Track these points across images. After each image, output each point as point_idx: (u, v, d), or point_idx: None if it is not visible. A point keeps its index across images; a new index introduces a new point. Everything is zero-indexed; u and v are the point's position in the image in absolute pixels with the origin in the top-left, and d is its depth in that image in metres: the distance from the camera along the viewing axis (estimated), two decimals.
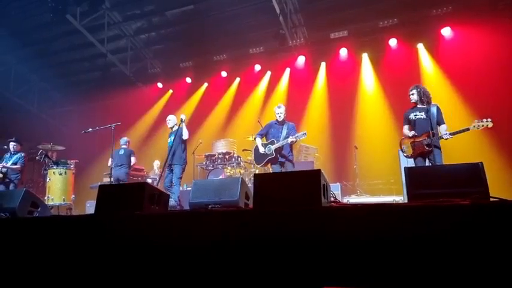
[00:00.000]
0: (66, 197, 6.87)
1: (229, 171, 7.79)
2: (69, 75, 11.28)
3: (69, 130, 9.37)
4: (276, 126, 5.57)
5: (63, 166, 7.02)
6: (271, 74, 10.04)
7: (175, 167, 5.91)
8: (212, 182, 3.67)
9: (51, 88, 11.53)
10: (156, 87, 10.91)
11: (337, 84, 9.09)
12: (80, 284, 2.68)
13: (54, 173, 6.89)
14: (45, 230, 3.12)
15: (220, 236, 2.39)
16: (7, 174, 6.76)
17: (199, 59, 10.34)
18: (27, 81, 11.16)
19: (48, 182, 6.89)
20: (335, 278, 1.92)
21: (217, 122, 10.27)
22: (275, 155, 5.39)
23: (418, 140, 4.67)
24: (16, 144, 7.03)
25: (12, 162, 6.84)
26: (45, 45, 10.03)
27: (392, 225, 1.92)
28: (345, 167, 8.29)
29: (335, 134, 8.82)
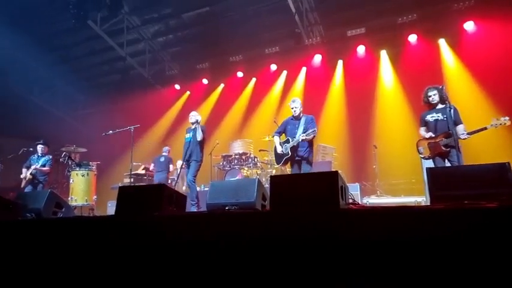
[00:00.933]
0: (89, 197, 7.04)
1: (246, 171, 7.78)
2: (90, 78, 11.55)
3: (91, 132, 9.56)
4: (292, 123, 5.28)
5: (85, 168, 7.19)
6: (287, 73, 9.97)
7: (192, 163, 5.90)
8: (229, 183, 3.66)
9: (74, 91, 11.83)
10: (174, 89, 11.02)
11: (354, 82, 8.93)
12: (101, 283, 2.72)
13: (77, 175, 7.06)
14: (69, 231, 3.19)
15: (237, 237, 2.38)
16: (36, 176, 6.98)
17: (215, 60, 10.39)
18: (51, 85, 11.49)
19: (71, 183, 7.08)
20: (353, 283, 1.87)
21: (234, 122, 10.28)
22: (291, 153, 5.08)
23: (435, 141, 4.57)
24: (44, 147, 7.25)
25: (41, 165, 7.06)
26: (68, 50, 10.32)
27: (414, 228, 1.85)
28: (364, 166, 8.13)
29: (353, 133, 8.67)
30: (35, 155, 7.20)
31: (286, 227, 2.22)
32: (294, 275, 2.06)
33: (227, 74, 10.33)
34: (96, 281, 2.73)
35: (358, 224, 2.01)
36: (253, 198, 3.10)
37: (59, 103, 11.86)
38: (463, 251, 1.72)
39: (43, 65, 10.57)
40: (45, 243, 3.16)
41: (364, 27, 8.75)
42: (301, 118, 5.24)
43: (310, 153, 5.13)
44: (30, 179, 6.92)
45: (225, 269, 2.32)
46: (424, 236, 1.83)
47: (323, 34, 9.16)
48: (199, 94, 10.82)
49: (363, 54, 8.89)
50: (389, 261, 1.85)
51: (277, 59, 9.72)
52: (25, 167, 7.09)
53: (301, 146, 5.10)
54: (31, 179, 6.93)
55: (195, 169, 5.89)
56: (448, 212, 1.83)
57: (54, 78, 11.25)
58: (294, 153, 5.09)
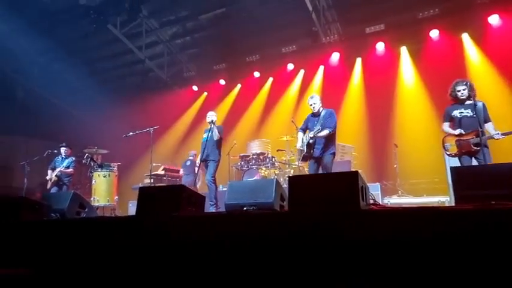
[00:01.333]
0: (110, 198, 7.20)
1: (264, 171, 7.77)
2: (111, 81, 11.80)
3: (112, 134, 9.78)
4: (312, 119, 5.14)
5: (107, 169, 7.36)
6: (304, 72, 9.89)
7: (210, 163, 5.90)
8: (247, 184, 3.66)
9: (96, 94, 12.11)
10: (192, 90, 11.12)
11: (374, 80, 8.78)
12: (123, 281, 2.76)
13: (99, 176, 7.24)
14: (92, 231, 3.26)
15: (256, 238, 2.37)
16: (61, 177, 7.20)
17: (232, 61, 10.42)
18: (73, 88, 11.81)
19: (93, 184, 7.26)
20: (376, 285, 1.83)
21: (251, 122, 10.29)
22: (307, 150, 4.92)
23: (465, 139, 4.36)
24: (67, 149, 7.46)
25: (65, 166, 7.26)
26: (89, 54, 10.59)
27: (438, 230, 1.80)
28: (385, 166, 7.97)
29: (373, 132, 8.52)
30: (59, 157, 7.41)
31: (306, 228, 2.20)
32: (314, 277, 2.03)
33: (244, 74, 10.35)
34: (118, 279, 2.78)
35: (379, 225, 1.96)
36: (271, 199, 3.09)
37: (80, 105, 12.17)
38: (491, 253, 1.65)
39: (66, 68, 10.90)
40: (69, 242, 3.24)
41: (383, 23, 8.57)
42: (321, 113, 5.08)
43: (326, 153, 4.90)
44: (56, 180, 7.13)
45: (244, 269, 2.32)
46: (449, 237, 1.77)
47: (341, 32, 9.04)
48: (217, 95, 10.88)
49: (382, 51, 8.72)
50: (412, 263, 1.79)
51: (294, 58, 9.66)
52: (50, 168, 7.31)
53: (317, 143, 4.93)
54: (56, 180, 7.14)
55: (213, 169, 5.88)
56: (474, 212, 1.76)
57: (76, 81, 11.57)
58: (310, 150, 4.92)
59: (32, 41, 9.75)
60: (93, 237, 3.16)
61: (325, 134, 4.83)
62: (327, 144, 4.94)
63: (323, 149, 4.92)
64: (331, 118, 4.98)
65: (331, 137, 4.96)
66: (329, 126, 4.88)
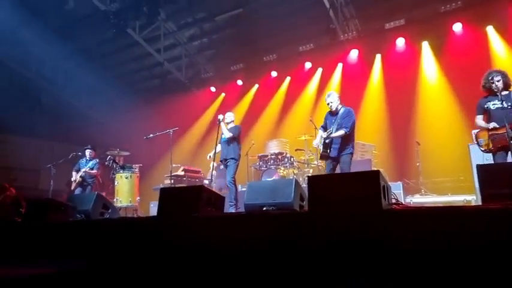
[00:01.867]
0: (132, 198, 7.35)
1: (283, 171, 7.75)
2: (131, 84, 12.05)
3: (133, 136, 9.99)
4: (330, 118, 5.05)
5: (128, 170, 7.52)
6: (322, 70, 9.79)
7: (230, 162, 5.90)
8: (266, 184, 3.67)
9: (117, 97, 12.39)
10: (209, 91, 11.21)
11: (394, 76, 8.60)
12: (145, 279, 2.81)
13: (121, 177, 7.40)
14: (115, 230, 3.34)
15: (275, 238, 2.36)
16: (85, 178, 7.42)
17: (249, 61, 10.44)
18: (95, 92, 12.14)
19: (116, 186, 7.43)
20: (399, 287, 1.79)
21: (269, 122, 10.27)
22: (323, 150, 4.83)
23: (500, 133, 4.08)
24: (91, 151, 7.69)
25: (89, 167, 7.47)
26: (110, 58, 10.85)
27: (463, 230, 1.74)
28: (407, 164, 7.80)
29: (394, 130, 8.35)
30: (83, 159, 7.63)
31: (326, 228, 2.18)
32: (336, 277, 2.01)
33: (261, 74, 10.34)
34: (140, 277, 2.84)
35: (402, 225, 1.92)
36: (290, 199, 3.08)
37: (102, 109, 12.48)
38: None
39: (88, 73, 11.20)
40: (94, 243, 3.33)
41: (404, 18, 8.38)
42: (339, 111, 4.98)
43: (343, 153, 4.81)
44: (80, 181, 7.36)
45: (263, 268, 2.32)
46: (475, 238, 1.71)
47: (359, 28, 8.90)
48: (234, 95, 10.93)
49: (403, 47, 8.52)
50: (436, 264, 1.75)
51: (312, 56, 9.58)
52: (74, 170, 7.55)
53: (334, 143, 4.84)
54: (80, 181, 7.36)
55: (234, 169, 5.86)
56: (502, 212, 1.69)
57: (98, 85, 11.88)
58: (327, 150, 4.83)
59: (55, 46, 10.09)
60: (116, 237, 3.24)
61: (340, 135, 4.75)
62: (344, 145, 4.84)
63: (340, 150, 4.84)
64: (349, 117, 4.88)
65: (348, 137, 4.86)
66: (346, 126, 4.78)
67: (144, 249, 2.97)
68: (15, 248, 3.72)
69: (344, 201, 2.32)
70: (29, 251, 3.62)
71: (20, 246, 3.70)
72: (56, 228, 3.70)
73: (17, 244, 3.74)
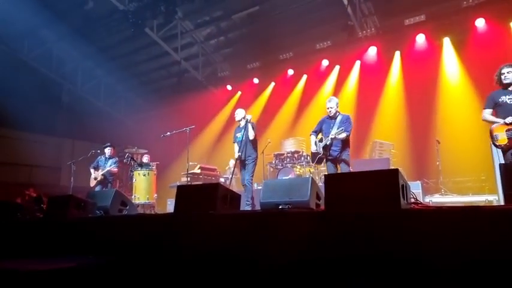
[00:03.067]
0: (150, 196, 7.47)
1: (299, 170, 7.72)
2: (149, 83, 12.25)
3: (150, 134, 10.15)
4: (328, 121, 5.31)
5: (146, 168, 7.64)
6: (339, 68, 9.70)
7: (248, 160, 5.91)
8: (282, 182, 3.66)
9: (135, 96, 12.63)
10: (226, 90, 11.26)
11: (414, 74, 8.43)
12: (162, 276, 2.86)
13: (139, 174, 7.53)
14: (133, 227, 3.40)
15: (292, 237, 2.36)
16: (106, 176, 7.53)
17: (265, 59, 10.43)
18: (114, 91, 12.39)
19: (134, 183, 7.56)
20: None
21: (285, 120, 10.24)
22: (324, 152, 5.17)
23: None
24: (111, 149, 7.78)
25: (113, 166, 7.57)
26: (128, 57, 11.05)
27: (485, 231, 1.69)
28: (426, 163, 7.65)
29: (413, 128, 8.20)
30: (102, 157, 7.74)
31: (343, 227, 2.16)
32: (354, 278, 1.99)
33: (278, 72, 10.32)
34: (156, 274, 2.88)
35: (422, 225, 1.89)
36: (306, 197, 3.06)
37: (121, 107, 12.74)
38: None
39: (106, 72, 11.44)
40: (113, 238, 3.40)
41: (424, 14, 8.19)
42: (337, 117, 5.24)
43: (344, 153, 5.12)
44: (102, 179, 7.45)
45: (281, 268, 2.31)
46: (497, 239, 1.66)
47: (378, 25, 8.76)
48: (251, 94, 10.94)
49: (423, 43, 8.33)
50: (456, 266, 1.70)
51: (329, 54, 9.49)
52: (92, 167, 7.65)
53: (335, 145, 5.13)
54: (102, 179, 7.46)
55: (252, 168, 5.90)
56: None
57: (116, 84, 12.12)
58: (326, 153, 5.16)
59: (75, 46, 10.35)
60: (134, 233, 3.30)
61: (344, 137, 5.03)
62: (344, 146, 5.15)
63: (340, 150, 5.13)
64: (349, 123, 5.17)
65: (347, 141, 5.18)
66: (346, 130, 5.06)
67: (161, 245, 3.01)
68: (37, 244, 3.83)
69: (362, 200, 2.29)
70: (50, 246, 3.72)
71: (42, 242, 3.81)
72: (76, 224, 3.79)
73: (38, 240, 3.85)
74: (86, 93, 11.92)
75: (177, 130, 7.07)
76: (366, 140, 8.42)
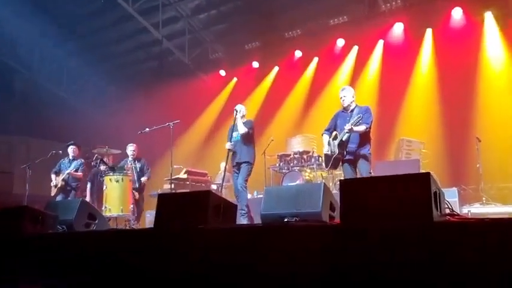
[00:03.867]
0: (124, 207, 7.42)
1: (309, 174, 7.73)
2: (123, 67, 12.22)
3: (125, 130, 10.11)
4: (343, 115, 5.33)
5: (120, 172, 7.61)
6: (358, 49, 9.72)
7: (243, 165, 5.96)
8: (288, 190, 3.67)
9: (106, 83, 12.59)
10: (219, 76, 11.28)
11: (449, 57, 8.45)
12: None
13: (110, 180, 7.48)
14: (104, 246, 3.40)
15: (300, 257, 2.37)
16: (68, 182, 7.50)
17: (267, 38, 10.43)
18: (80, 77, 12.34)
19: (105, 191, 7.52)
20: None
21: (292, 113, 10.26)
22: (338, 152, 5.13)
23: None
24: (75, 149, 7.73)
25: (73, 169, 7.55)
26: (97, 35, 11.00)
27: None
28: (464, 166, 7.68)
29: (448, 123, 8.23)
30: (66, 159, 7.71)
31: (363, 245, 2.17)
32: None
33: (282, 54, 10.33)
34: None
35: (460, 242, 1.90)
36: (318, 208, 3.07)
37: (88, 97, 12.69)
38: None
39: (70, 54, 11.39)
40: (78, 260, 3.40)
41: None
42: (354, 109, 5.24)
43: (363, 149, 5.11)
44: (62, 185, 7.42)
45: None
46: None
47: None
48: (249, 80, 10.95)
49: (460, 19, 8.37)
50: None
51: (346, 32, 9.51)
52: (53, 172, 7.60)
53: (352, 141, 5.11)
54: (63, 185, 7.43)
55: (247, 172, 5.94)
56: None
57: (82, 69, 12.06)
58: (343, 151, 5.12)
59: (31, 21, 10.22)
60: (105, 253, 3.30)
61: (362, 129, 5.00)
62: (363, 141, 5.13)
63: (358, 146, 5.11)
64: (368, 114, 5.15)
65: (366, 135, 5.16)
66: (366, 122, 5.04)
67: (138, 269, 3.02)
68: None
69: (385, 212, 2.30)
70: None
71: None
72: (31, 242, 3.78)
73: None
74: (45, 80, 11.86)
75: (158, 126, 7.07)
76: (390, 137, 8.44)
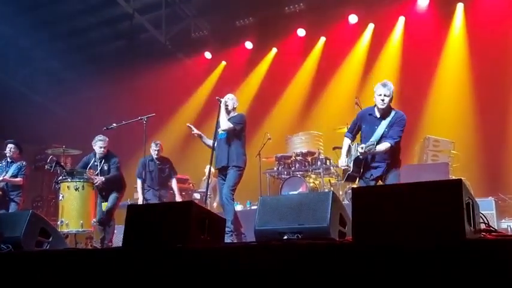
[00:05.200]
0: (86, 221, 7.35)
1: (313, 180, 7.74)
2: (85, 47, 12.11)
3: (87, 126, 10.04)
4: (372, 120, 5.02)
5: (80, 178, 7.55)
6: (374, 27, 9.76)
7: (229, 170, 5.95)
8: (288, 200, 3.67)
9: (63, 67, 12.49)
10: (204, 59, 11.28)
11: (485, 38, 8.51)
12: None
13: (68, 188, 7.42)
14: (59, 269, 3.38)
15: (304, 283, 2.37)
16: (6, 191, 7.27)
17: (263, 13, 10.40)
18: (31, 60, 12.23)
19: (61, 201, 7.45)
20: None
21: (293, 107, 10.27)
22: (354, 169, 4.93)
23: None
24: (15, 149, 7.58)
25: (11, 175, 7.43)
26: (51, 7, 10.87)
27: None
28: (502, 171, 7.76)
29: (483, 120, 8.29)
30: (3, 162, 7.55)
31: (379, 269, 2.18)
32: None
33: (281, 32, 10.34)
34: None
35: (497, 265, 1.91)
36: (326, 223, 3.08)
37: (40, 85, 12.58)
38: None
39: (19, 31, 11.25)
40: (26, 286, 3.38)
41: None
42: (388, 116, 4.93)
43: (391, 174, 4.91)
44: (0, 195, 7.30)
45: None
46: None
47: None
48: (241, 65, 10.96)
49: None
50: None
51: (359, 7, 9.55)
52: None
53: (377, 160, 4.90)
54: (1, 195, 7.30)
55: (234, 179, 5.92)
56: None
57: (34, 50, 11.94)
58: (359, 169, 4.94)
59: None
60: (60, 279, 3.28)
61: (384, 149, 4.75)
62: (392, 161, 4.93)
63: (386, 167, 4.91)
64: (399, 126, 4.87)
65: (394, 151, 4.94)
66: (392, 137, 4.80)
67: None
68: None
69: (406, 228, 2.30)
70: None
71: None
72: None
73: None
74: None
75: (128, 121, 7.03)
76: (413, 135, 8.48)
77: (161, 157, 7.76)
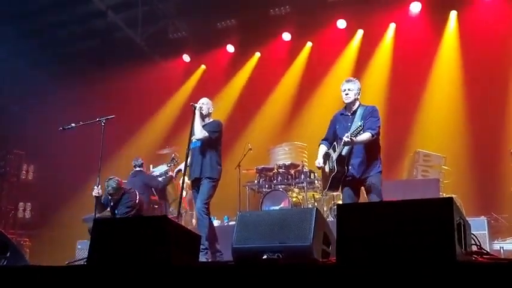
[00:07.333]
0: None
1: (297, 195, 7.75)
2: (52, 46, 11.99)
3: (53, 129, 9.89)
4: (343, 119, 5.23)
5: None
6: (363, 33, 9.86)
7: (204, 182, 5.94)
8: (269, 216, 3.66)
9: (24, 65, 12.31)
10: (182, 62, 11.29)
11: (479, 48, 8.64)
12: None
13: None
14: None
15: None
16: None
17: (247, 15, 10.43)
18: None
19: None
20: None
21: (277, 115, 10.29)
22: (337, 169, 4.96)
23: None
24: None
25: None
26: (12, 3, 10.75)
27: None
28: (496, 189, 7.84)
29: (476, 133, 8.40)
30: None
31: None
32: None
33: (266, 36, 10.39)
34: None
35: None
36: (308, 241, 3.08)
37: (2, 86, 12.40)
38: None
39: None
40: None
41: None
42: (357, 110, 5.13)
43: (372, 172, 5.01)
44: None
45: None
46: None
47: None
48: (221, 69, 10.97)
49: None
50: None
51: (347, 11, 9.63)
52: None
53: (356, 155, 5.01)
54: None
55: (208, 192, 5.91)
56: None
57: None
58: (343, 168, 4.97)
59: None
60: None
61: (366, 138, 4.87)
62: (371, 159, 5.03)
63: (365, 167, 5.00)
64: (374, 117, 5.03)
65: (374, 148, 5.09)
66: (371, 128, 4.91)
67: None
68: None
69: (395, 246, 2.32)
70: None
71: None
72: None
73: None
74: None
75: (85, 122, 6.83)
76: (402, 150, 8.56)
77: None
